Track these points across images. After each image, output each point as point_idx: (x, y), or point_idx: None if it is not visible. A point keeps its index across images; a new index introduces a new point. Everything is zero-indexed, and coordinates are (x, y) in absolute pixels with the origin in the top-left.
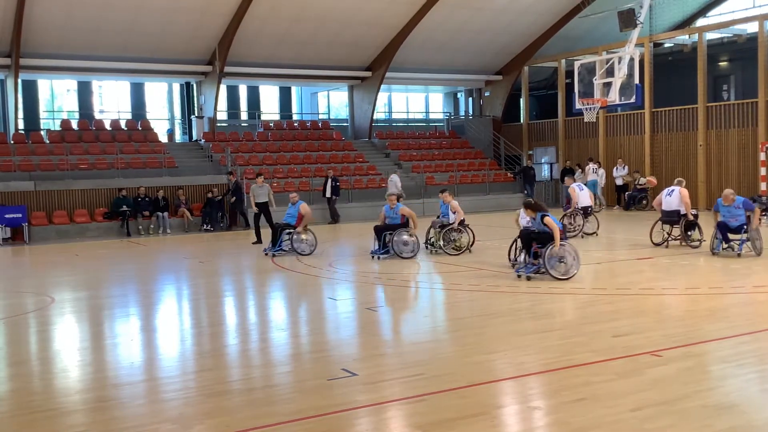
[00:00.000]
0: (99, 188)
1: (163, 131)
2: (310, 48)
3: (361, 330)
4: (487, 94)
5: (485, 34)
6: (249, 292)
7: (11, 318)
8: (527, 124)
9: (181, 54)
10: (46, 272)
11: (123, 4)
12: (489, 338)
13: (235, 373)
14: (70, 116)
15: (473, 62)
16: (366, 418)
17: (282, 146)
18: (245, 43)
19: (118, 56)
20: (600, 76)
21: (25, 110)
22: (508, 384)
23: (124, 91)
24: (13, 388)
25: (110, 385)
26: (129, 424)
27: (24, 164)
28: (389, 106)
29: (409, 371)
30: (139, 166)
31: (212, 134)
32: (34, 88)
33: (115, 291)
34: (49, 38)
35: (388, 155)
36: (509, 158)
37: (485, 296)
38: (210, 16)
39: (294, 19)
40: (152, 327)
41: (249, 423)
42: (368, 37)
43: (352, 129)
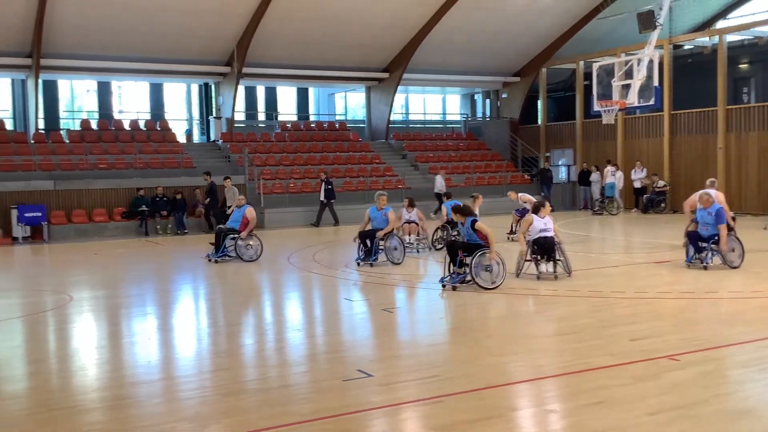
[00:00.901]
0: (117, 188)
1: (181, 132)
2: (328, 49)
3: (377, 331)
4: (505, 96)
5: (503, 35)
6: (265, 291)
7: (30, 316)
8: (545, 125)
9: (200, 55)
10: (65, 271)
11: (143, 5)
12: (505, 340)
13: (252, 372)
14: (89, 116)
15: (491, 64)
16: (381, 419)
17: (299, 147)
18: (263, 44)
19: (138, 57)
20: (619, 78)
21: (45, 110)
22: (524, 387)
23: (143, 91)
24: (32, 385)
25: (127, 383)
26: (146, 423)
27: (44, 164)
28: (406, 108)
29: (425, 373)
30: (158, 166)
31: (230, 135)
32: (54, 89)
33: (132, 290)
34: (69, 39)
35: (405, 156)
36: (526, 160)
37: (501, 298)
38: (228, 18)
39: (312, 20)
40: (169, 326)
41: (265, 423)
42: (386, 38)
43: (369, 130)
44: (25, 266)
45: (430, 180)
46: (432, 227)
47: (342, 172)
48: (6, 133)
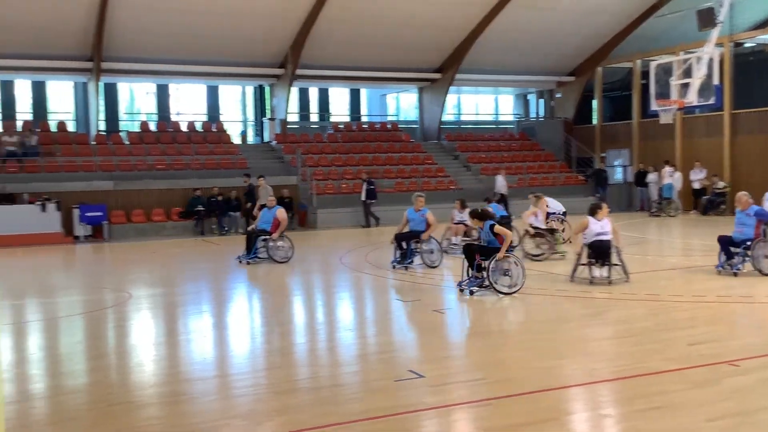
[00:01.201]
0: (175, 188)
1: (236, 133)
2: (380, 50)
3: (428, 332)
4: (559, 96)
5: (557, 34)
6: (317, 291)
7: (91, 313)
8: (600, 125)
9: (255, 57)
10: (124, 269)
11: (200, 9)
12: (558, 343)
13: (304, 371)
14: (148, 118)
15: (544, 63)
16: (433, 420)
17: (351, 148)
18: (316, 46)
19: (195, 60)
20: (678, 76)
21: (106, 112)
22: (578, 390)
23: (200, 93)
24: (93, 380)
25: (183, 380)
26: (201, 419)
27: (105, 164)
28: (458, 108)
29: (477, 374)
30: (213, 166)
31: (283, 136)
32: (114, 91)
33: (189, 288)
34: (129, 43)
35: (457, 157)
36: (581, 161)
37: (555, 301)
38: (283, 20)
39: (365, 21)
40: (224, 324)
41: (317, 421)
42: (438, 38)
43: (421, 131)
44: (86, 264)
45: (482, 181)
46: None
47: (393, 173)
48: (68, 135)
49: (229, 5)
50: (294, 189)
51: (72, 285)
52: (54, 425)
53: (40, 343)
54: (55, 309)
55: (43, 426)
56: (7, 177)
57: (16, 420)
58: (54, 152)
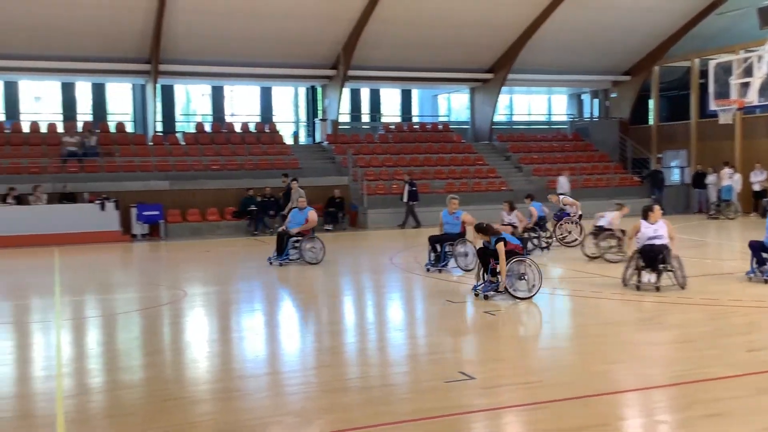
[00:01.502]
0: (229, 188)
1: (288, 133)
2: (432, 50)
3: (479, 334)
4: (614, 96)
5: (612, 33)
6: (367, 291)
7: (148, 309)
8: (657, 126)
9: (307, 59)
10: (180, 267)
11: (254, 11)
12: (612, 347)
13: (353, 370)
14: (204, 119)
15: (599, 62)
16: (483, 422)
17: (402, 148)
18: (368, 47)
19: (249, 62)
20: (737, 75)
21: (163, 114)
22: (633, 395)
23: (253, 95)
24: (149, 376)
25: (236, 376)
26: (254, 415)
27: (161, 164)
28: (510, 108)
29: (528, 377)
30: (266, 167)
31: (335, 136)
32: (171, 93)
33: (241, 287)
34: (185, 45)
35: (509, 158)
36: (636, 162)
37: (608, 304)
38: (335, 22)
39: (417, 22)
40: (275, 322)
41: (367, 420)
42: (490, 38)
43: (472, 131)
44: (143, 262)
45: (533, 182)
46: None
47: (444, 174)
48: (127, 136)
49: (283, 7)
50: (345, 189)
51: (129, 282)
52: (111, 419)
53: (98, 339)
54: (113, 306)
55: (101, 420)
56: (68, 177)
57: (75, 414)
58: (113, 152)
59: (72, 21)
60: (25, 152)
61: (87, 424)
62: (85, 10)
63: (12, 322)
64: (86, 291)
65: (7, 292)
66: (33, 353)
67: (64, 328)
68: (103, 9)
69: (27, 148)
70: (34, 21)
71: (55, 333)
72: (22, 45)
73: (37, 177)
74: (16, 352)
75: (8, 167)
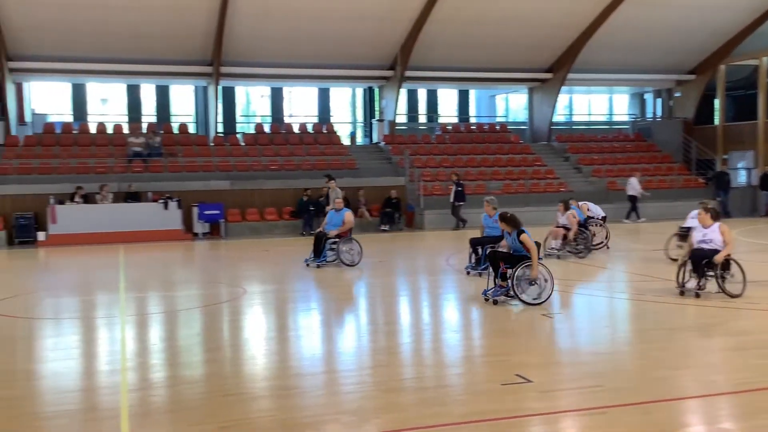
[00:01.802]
0: (287, 188)
1: (346, 134)
2: (490, 51)
3: (537, 336)
4: (678, 95)
5: (676, 31)
6: (423, 292)
7: (209, 306)
8: (722, 126)
9: (365, 60)
10: (239, 266)
11: (313, 14)
12: (675, 353)
13: (409, 371)
14: (263, 120)
15: (662, 61)
16: (540, 426)
17: (459, 149)
18: (426, 48)
19: (308, 63)
20: None
21: (224, 115)
22: (695, 402)
23: (311, 96)
24: (209, 372)
25: (293, 374)
26: (311, 413)
27: (222, 165)
28: (570, 109)
29: (587, 382)
30: (324, 167)
31: (392, 137)
32: (232, 95)
33: (299, 286)
34: (246, 48)
35: (568, 159)
36: (701, 163)
37: (671, 309)
38: (393, 23)
39: (474, 22)
40: (331, 321)
41: (422, 421)
42: (550, 37)
43: (530, 132)
44: (204, 260)
45: (593, 183)
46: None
47: (501, 175)
48: (189, 137)
49: (341, 9)
50: (402, 190)
51: (191, 280)
52: (172, 413)
53: (160, 335)
54: (175, 302)
55: (162, 414)
56: (133, 177)
57: (138, 407)
58: (176, 153)
59: (137, 25)
60: (92, 152)
61: (150, 418)
62: (150, 14)
63: (79, 317)
64: (149, 288)
65: (75, 288)
66: (98, 348)
67: (128, 323)
68: (168, 13)
69: (94, 148)
70: (102, 25)
71: (119, 328)
72: (89, 48)
73: (104, 177)
74: (83, 346)
75: (76, 167)
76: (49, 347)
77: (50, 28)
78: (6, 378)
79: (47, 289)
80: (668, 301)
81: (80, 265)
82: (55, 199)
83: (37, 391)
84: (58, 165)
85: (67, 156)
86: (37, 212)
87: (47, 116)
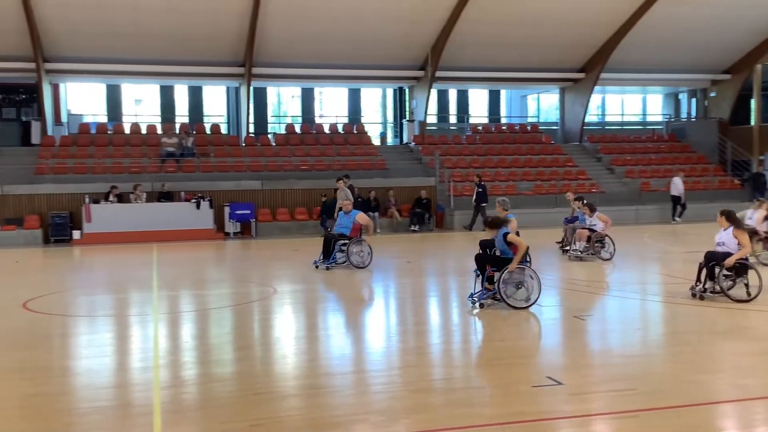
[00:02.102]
0: (317, 188)
1: (376, 134)
2: (522, 51)
3: (568, 338)
4: (713, 95)
5: (711, 31)
6: (453, 293)
7: (239, 305)
8: (759, 126)
9: (395, 60)
10: (270, 265)
11: (345, 15)
12: (709, 356)
13: (438, 371)
14: (294, 121)
15: (698, 61)
16: (571, 429)
17: (489, 150)
18: (456, 48)
19: (338, 64)
20: None
21: (255, 115)
22: (729, 407)
23: (342, 96)
24: (240, 370)
25: (323, 373)
26: (341, 412)
27: (253, 165)
28: (602, 109)
29: (619, 385)
30: (354, 167)
31: (422, 137)
32: (263, 95)
33: (328, 285)
34: (277, 49)
35: (600, 159)
36: (737, 164)
37: (705, 311)
38: (424, 23)
39: (506, 22)
40: (360, 321)
41: (451, 422)
42: (583, 37)
43: (562, 132)
44: (235, 260)
45: (626, 184)
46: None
47: (532, 176)
48: (221, 137)
49: (372, 10)
50: (432, 190)
51: (222, 279)
52: (203, 410)
53: (192, 333)
54: (207, 301)
55: (194, 411)
56: (166, 176)
57: (170, 404)
58: (208, 153)
59: (172, 27)
60: (126, 153)
61: (182, 414)
62: (184, 17)
63: (113, 315)
64: (182, 286)
65: (109, 286)
66: (132, 345)
67: (161, 321)
68: (201, 15)
69: (128, 148)
70: (136, 28)
71: (152, 326)
72: (124, 50)
73: (138, 176)
74: (116, 344)
75: (111, 167)
76: (84, 344)
77: (86, 31)
78: (42, 374)
79: (82, 287)
80: (701, 304)
81: (114, 264)
82: (90, 199)
83: (72, 388)
84: (92, 165)
85: (101, 156)
86: (72, 211)
87: (83, 117)
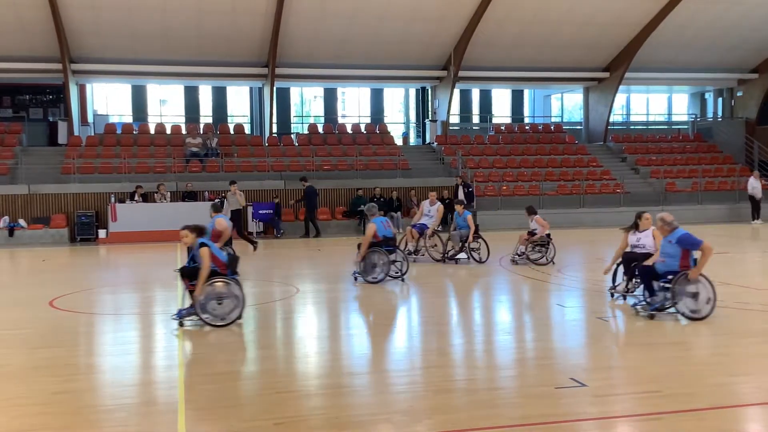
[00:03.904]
0: (339, 188)
1: (398, 134)
2: (545, 50)
3: (591, 340)
4: (740, 94)
5: (738, 29)
6: (475, 293)
7: (262, 305)
8: None
9: (418, 60)
10: (293, 264)
11: (368, 15)
12: (735, 359)
13: (461, 372)
14: (316, 121)
15: (724, 59)
16: (595, 431)
17: (512, 150)
18: (479, 48)
19: (361, 64)
20: None
21: (278, 116)
22: (755, 410)
23: (364, 96)
24: (263, 369)
25: (345, 373)
26: (363, 412)
27: (276, 165)
28: (627, 108)
29: (643, 387)
30: (376, 167)
31: (445, 137)
32: (286, 96)
33: (351, 285)
34: (300, 49)
35: (624, 159)
36: (764, 164)
37: (732, 314)
38: (447, 23)
39: (529, 22)
40: (383, 321)
41: (474, 423)
42: (607, 36)
43: (585, 132)
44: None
45: (651, 184)
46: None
47: (556, 176)
48: (245, 137)
49: (395, 10)
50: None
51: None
52: (227, 408)
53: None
54: None
55: (218, 408)
56: (191, 176)
57: (194, 402)
58: (232, 153)
59: (196, 28)
60: (151, 153)
61: (206, 412)
62: (208, 18)
63: (137, 312)
64: None
65: (134, 284)
66: (156, 343)
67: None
68: (226, 16)
69: (153, 148)
70: (162, 29)
71: (176, 324)
72: (150, 51)
73: (162, 176)
74: (141, 341)
75: (136, 167)
76: (109, 342)
77: (112, 32)
78: (68, 371)
79: (107, 285)
80: (729, 306)
81: (139, 262)
82: (116, 198)
83: (98, 385)
84: (118, 164)
85: (127, 156)
86: (98, 210)
87: (108, 117)
